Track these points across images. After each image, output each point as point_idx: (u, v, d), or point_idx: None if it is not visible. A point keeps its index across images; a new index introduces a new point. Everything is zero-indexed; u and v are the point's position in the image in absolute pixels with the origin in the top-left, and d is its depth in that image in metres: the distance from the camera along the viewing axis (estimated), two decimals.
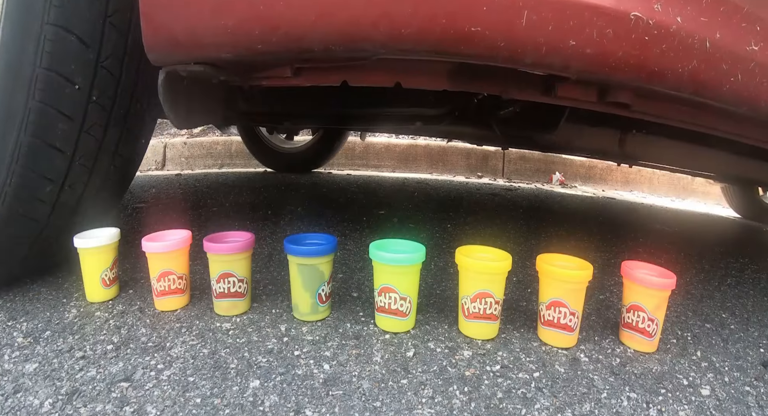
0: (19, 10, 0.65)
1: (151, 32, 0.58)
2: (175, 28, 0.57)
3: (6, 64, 0.67)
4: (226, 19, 0.53)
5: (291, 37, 0.52)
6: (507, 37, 0.48)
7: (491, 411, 0.56)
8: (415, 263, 0.70)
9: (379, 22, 0.49)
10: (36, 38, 0.65)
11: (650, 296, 0.70)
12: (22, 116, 0.67)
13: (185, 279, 0.77)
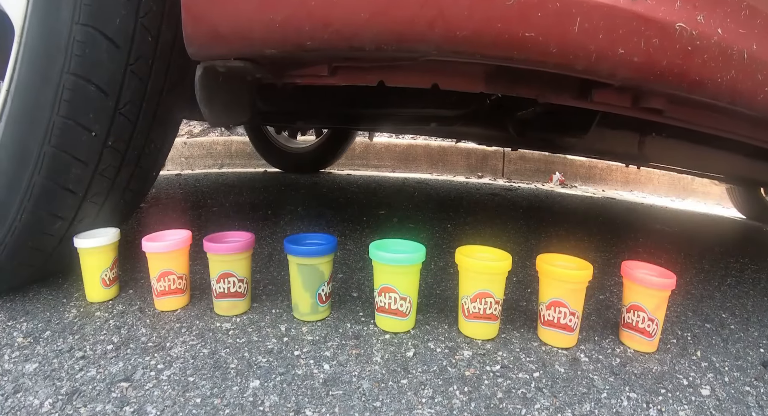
0: (38, 57, 0.64)
1: (192, 25, 0.56)
2: (218, 20, 0.55)
3: (22, 106, 0.66)
4: (274, 14, 0.52)
5: (342, 35, 0.51)
6: (559, 43, 0.49)
7: (491, 411, 0.56)
8: (415, 263, 0.70)
9: (435, 22, 0.48)
10: (55, 86, 0.65)
11: (650, 296, 0.70)
12: (36, 159, 0.67)
13: (185, 279, 0.77)
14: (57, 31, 0.63)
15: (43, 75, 0.65)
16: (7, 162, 0.67)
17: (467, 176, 3.12)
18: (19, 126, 0.66)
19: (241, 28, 0.54)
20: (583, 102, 0.69)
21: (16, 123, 0.66)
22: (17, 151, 0.67)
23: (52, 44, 0.64)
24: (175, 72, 0.76)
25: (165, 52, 0.72)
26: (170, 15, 0.70)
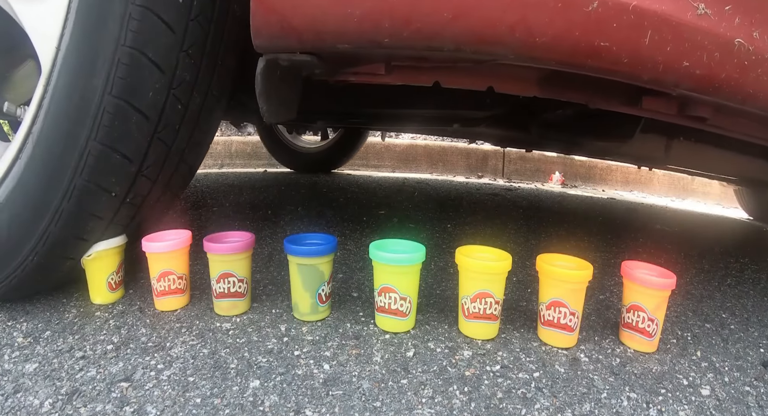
0: (63, 125, 0.65)
1: (262, 15, 0.53)
2: (292, 12, 0.53)
3: (44, 171, 0.66)
4: (353, 8, 0.50)
5: (423, 34, 0.50)
6: (631, 54, 0.51)
7: (491, 411, 0.56)
8: (415, 263, 0.70)
9: (516, 27, 0.49)
10: (79, 153, 0.65)
11: (650, 296, 0.70)
12: (56, 210, 0.68)
13: (185, 279, 0.77)
14: (87, 100, 0.64)
15: (67, 141, 0.65)
16: (36, 186, 0.67)
17: (467, 176, 3.12)
18: (42, 186, 0.67)
19: (316, 21, 0.52)
20: (632, 108, 0.71)
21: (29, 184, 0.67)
22: (37, 204, 0.67)
23: (80, 111, 0.64)
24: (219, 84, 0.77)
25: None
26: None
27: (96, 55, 0.63)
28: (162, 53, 0.65)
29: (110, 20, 0.62)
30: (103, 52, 0.63)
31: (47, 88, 0.65)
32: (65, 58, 0.64)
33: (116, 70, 0.63)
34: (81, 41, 0.63)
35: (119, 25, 0.62)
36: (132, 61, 0.63)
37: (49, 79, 0.65)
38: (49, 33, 0.65)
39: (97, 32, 0.63)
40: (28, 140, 0.67)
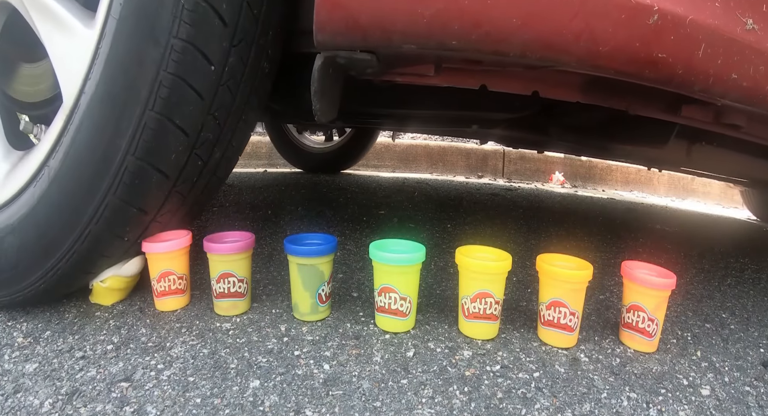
0: (82, 174, 0.65)
1: (327, 10, 0.52)
2: (360, 9, 0.52)
3: (59, 215, 0.66)
4: (424, 8, 0.50)
5: (491, 38, 0.51)
6: (685, 65, 0.53)
7: (491, 411, 0.56)
8: (415, 263, 0.70)
9: (581, 36, 0.50)
10: (115, 171, 0.64)
11: (650, 296, 0.70)
12: (68, 250, 0.68)
13: (185, 280, 0.77)
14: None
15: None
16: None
17: (467, 176, 3.12)
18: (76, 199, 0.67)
19: (384, 19, 0.52)
20: (670, 115, 0.73)
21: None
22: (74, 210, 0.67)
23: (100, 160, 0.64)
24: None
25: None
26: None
27: (121, 115, 0.62)
28: (189, 119, 0.65)
29: (141, 84, 0.61)
30: (128, 114, 0.62)
31: (68, 126, 0.65)
32: (90, 107, 0.63)
33: (142, 134, 0.63)
34: (107, 97, 0.62)
35: (149, 91, 0.61)
36: (158, 127, 0.63)
37: (71, 119, 0.65)
38: (74, 69, 0.65)
39: (126, 92, 0.62)
40: (42, 172, 0.67)
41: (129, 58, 0.61)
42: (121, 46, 0.61)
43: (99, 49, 0.63)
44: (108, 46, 0.62)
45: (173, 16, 0.60)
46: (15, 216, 0.68)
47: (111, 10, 0.62)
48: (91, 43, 0.64)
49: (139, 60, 0.61)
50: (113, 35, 0.61)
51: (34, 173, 0.69)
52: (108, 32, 0.62)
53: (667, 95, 0.67)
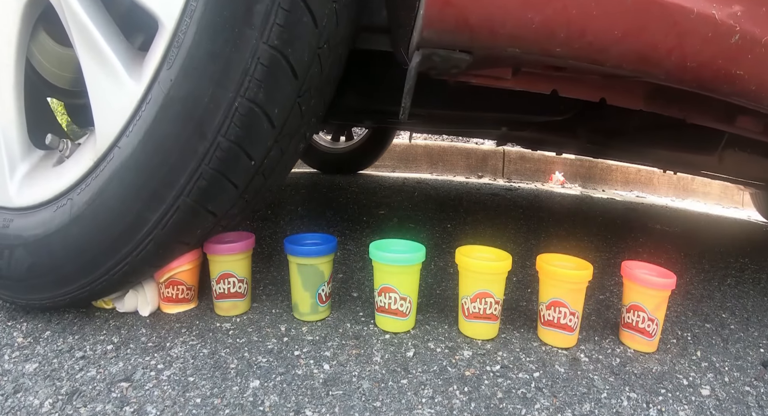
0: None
1: (439, 7, 0.52)
2: (471, 9, 0.52)
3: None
4: (534, 14, 0.50)
5: (593, 48, 0.53)
6: (758, 82, 0.58)
7: (491, 411, 0.56)
8: (415, 263, 0.70)
9: (673, 51, 0.53)
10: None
11: (650, 296, 0.70)
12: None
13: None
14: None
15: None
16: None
17: (467, 176, 3.12)
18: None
19: (494, 22, 0.52)
20: (724, 125, 0.76)
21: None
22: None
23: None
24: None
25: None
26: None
27: (176, 166, 0.62)
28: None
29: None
30: (186, 166, 0.62)
31: (107, 160, 0.63)
32: (125, 167, 0.62)
33: (197, 182, 0.63)
34: (143, 165, 0.62)
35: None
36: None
37: (104, 161, 0.63)
38: (112, 120, 0.63)
39: (176, 155, 0.62)
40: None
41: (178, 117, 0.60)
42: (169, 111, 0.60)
43: (142, 106, 0.62)
44: (153, 112, 0.61)
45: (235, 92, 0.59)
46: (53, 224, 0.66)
47: (159, 76, 0.61)
48: (134, 97, 0.63)
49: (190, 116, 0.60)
50: (158, 109, 0.61)
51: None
52: (153, 100, 0.61)
53: (723, 106, 0.70)
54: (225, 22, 0.58)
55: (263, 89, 0.61)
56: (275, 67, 0.60)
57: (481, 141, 3.42)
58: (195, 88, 0.59)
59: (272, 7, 0.58)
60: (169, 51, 0.60)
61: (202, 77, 0.59)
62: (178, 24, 0.60)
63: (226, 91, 0.59)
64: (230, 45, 0.58)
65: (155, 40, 0.62)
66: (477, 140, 3.43)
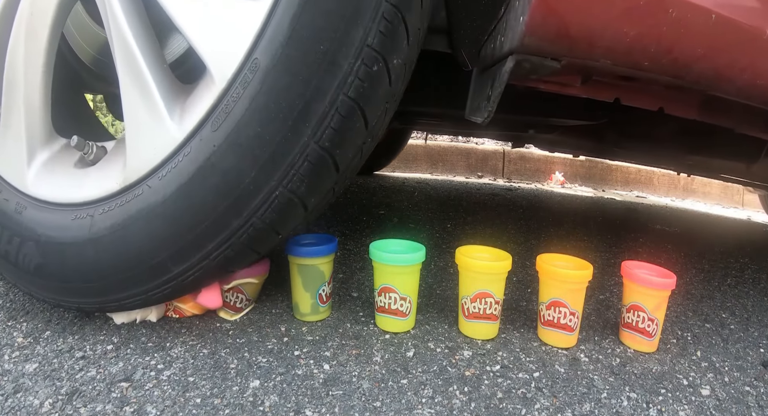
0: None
1: (542, 16, 0.53)
2: (573, 20, 0.53)
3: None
4: (630, 28, 0.53)
5: (677, 64, 0.56)
6: None
7: (491, 411, 0.56)
8: (416, 263, 0.70)
9: (746, 70, 0.57)
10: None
11: (650, 296, 0.70)
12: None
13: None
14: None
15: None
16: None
17: (467, 176, 3.12)
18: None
19: (593, 33, 0.54)
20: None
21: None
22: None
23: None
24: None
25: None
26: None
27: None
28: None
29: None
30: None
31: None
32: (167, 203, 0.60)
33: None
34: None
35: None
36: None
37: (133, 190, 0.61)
38: (148, 156, 0.61)
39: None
40: (135, 194, 0.61)
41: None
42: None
43: (179, 155, 0.59)
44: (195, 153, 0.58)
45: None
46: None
47: (202, 132, 0.59)
48: (171, 141, 0.60)
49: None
50: (197, 169, 0.58)
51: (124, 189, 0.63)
52: (192, 157, 0.59)
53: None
54: (280, 111, 0.56)
55: (306, 184, 0.59)
56: (321, 165, 0.59)
57: (481, 141, 3.42)
58: (238, 166, 0.57)
59: (329, 111, 0.57)
60: (215, 111, 0.58)
61: (247, 158, 0.57)
62: (229, 87, 0.58)
63: (269, 178, 0.58)
64: (281, 136, 0.56)
65: (203, 88, 0.60)
66: (477, 140, 3.43)
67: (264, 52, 0.56)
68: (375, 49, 0.57)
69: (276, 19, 0.56)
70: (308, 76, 0.55)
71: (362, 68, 0.57)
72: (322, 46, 0.55)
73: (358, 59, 0.56)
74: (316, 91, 0.56)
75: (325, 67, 0.55)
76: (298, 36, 0.55)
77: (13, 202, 0.70)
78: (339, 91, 0.57)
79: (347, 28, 0.55)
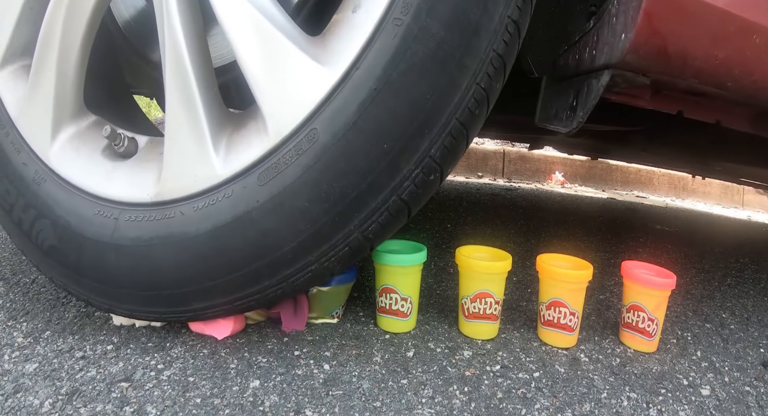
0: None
1: (646, 36, 0.57)
2: (671, 41, 0.58)
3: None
4: (719, 52, 0.58)
5: (755, 86, 0.61)
6: None
7: (491, 411, 0.56)
8: (417, 263, 0.70)
9: None
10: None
11: (650, 296, 0.70)
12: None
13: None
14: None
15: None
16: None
17: (467, 176, 3.12)
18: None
19: (687, 54, 0.59)
20: None
21: None
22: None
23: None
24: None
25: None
26: None
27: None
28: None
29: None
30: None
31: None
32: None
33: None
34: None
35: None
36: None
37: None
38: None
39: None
40: (168, 217, 0.59)
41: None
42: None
43: (218, 195, 0.58)
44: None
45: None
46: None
47: (246, 181, 0.56)
48: (212, 176, 0.58)
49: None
50: (234, 218, 0.57)
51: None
52: (232, 203, 0.57)
53: None
54: (332, 194, 0.55)
55: (341, 264, 0.60)
56: (360, 251, 0.59)
57: (481, 141, 3.42)
58: (279, 232, 0.56)
59: (381, 208, 0.56)
60: (263, 164, 0.56)
61: (290, 228, 0.56)
62: (282, 146, 0.55)
63: (307, 254, 0.57)
64: (329, 219, 0.56)
65: (253, 130, 0.58)
66: (477, 140, 3.42)
67: (324, 126, 0.54)
68: (436, 161, 0.56)
69: (343, 96, 0.53)
70: (366, 169, 0.54)
71: (420, 176, 0.56)
72: (385, 145, 0.54)
73: (419, 167, 0.55)
74: (371, 187, 0.55)
75: (385, 166, 0.54)
76: (363, 126, 0.53)
77: (32, 170, 0.67)
78: (393, 193, 0.56)
79: (413, 136, 0.54)
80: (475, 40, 0.53)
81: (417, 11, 0.52)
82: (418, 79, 0.53)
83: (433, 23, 0.52)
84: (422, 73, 0.52)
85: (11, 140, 0.70)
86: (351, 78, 0.53)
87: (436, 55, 0.52)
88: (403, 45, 0.52)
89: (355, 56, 0.53)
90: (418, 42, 0.52)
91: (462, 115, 0.55)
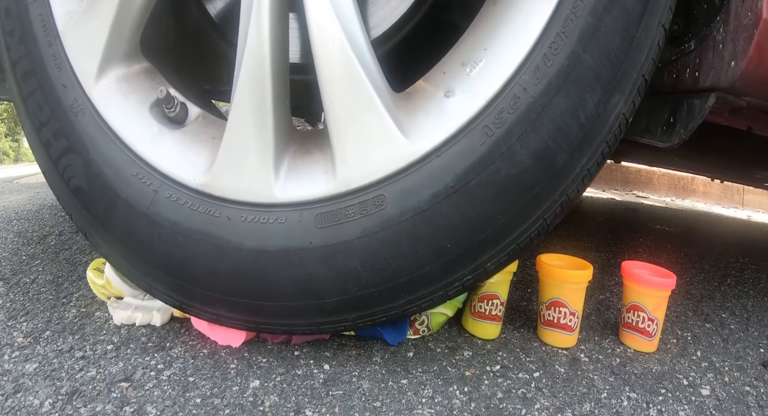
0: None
1: (756, 65, 0.61)
2: None
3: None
4: None
5: None
6: None
7: (491, 411, 0.56)
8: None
9: None
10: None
11: (650, 296, 0.70)
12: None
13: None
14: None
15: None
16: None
17: None
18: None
19: None
20: None
21: None
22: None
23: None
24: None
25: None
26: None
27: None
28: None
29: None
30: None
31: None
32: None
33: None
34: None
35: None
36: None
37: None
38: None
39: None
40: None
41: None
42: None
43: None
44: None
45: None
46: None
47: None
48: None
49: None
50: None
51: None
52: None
53: None
54: (387, 273, 0.55)
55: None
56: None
57: None
58: (328, 283, 0.56)
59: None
60: (324, 205, 0.55)
61: (342, 285, 0.56)
62: (345, 197, 0.55)
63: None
64: (376, 291, 0.56)
65: (319, 162, 0.57)
66: None
67: (393, 198, 0.53)
68: (488, 272, 0.58)
69: (418, 178, 0.53)
70: (425, 260, 0.55)
71: (470, 281, 0.57)
72: (449, 245, 0.54)
73: (472, 274, 0.57)
74: (424, 278, 0.56)
75: (443, 263, 0.55)
76: (432, 218, 0.53)
77: (71, 97, 0.61)
78: (443, 289, 0.57)
79: (476, 247, 0.55)
80: (555, 181, 0.53)
81: (509, 131, 0.51)
82: (495, 197, 0.52)
83: (521, 151, 0.51)
84: (500, 193, 0.52)
85: (53, 52, 0.62)
86: (430, 163, 0.52)
87: (517, 182, 0.52)
88: (489, 157, 0.51)
89: (439, 143, 0.52)
90: (503, 161, 0.51)
91: (523, 242, 0.56)
